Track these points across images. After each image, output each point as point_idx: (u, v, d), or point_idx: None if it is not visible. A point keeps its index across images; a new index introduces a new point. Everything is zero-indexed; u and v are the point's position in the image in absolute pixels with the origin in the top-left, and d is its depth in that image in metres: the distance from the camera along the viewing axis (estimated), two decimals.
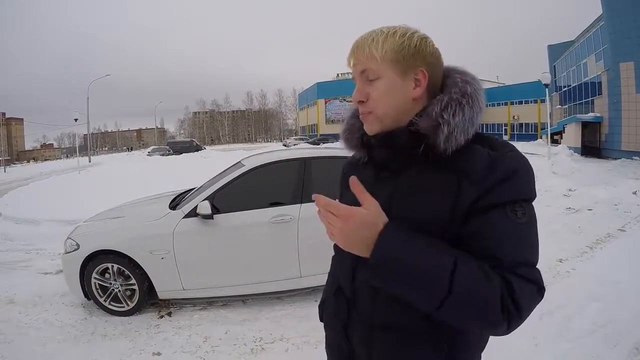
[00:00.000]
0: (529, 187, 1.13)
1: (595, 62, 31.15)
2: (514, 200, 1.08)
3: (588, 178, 15.14)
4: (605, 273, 5.20)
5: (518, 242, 1.08)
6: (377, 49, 1.18)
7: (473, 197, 1.09)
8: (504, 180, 1.08)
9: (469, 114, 1.15)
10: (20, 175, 31.83)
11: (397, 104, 1.20)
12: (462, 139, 1.13)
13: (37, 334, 4.50)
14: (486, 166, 1.10)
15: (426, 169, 1.17)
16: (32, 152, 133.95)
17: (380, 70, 1.19)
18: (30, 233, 9.13)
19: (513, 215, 1.07)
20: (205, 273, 4.87)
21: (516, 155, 1.13)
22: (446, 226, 1.11)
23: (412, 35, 1.18)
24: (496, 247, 1.06)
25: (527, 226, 1.09)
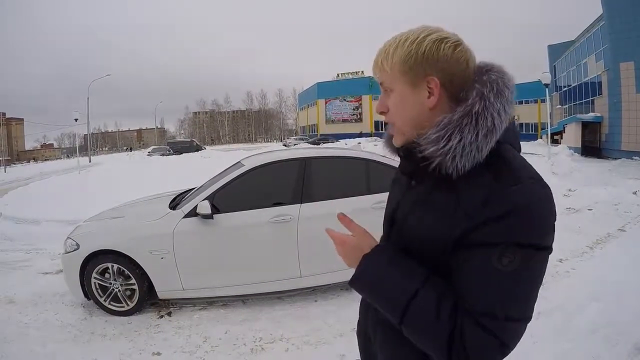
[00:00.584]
0: (535, 231, 1.00)
1: (595, 62, 31.16)
2: (505, 243, 0.98)
3: (588, 178, 15.13)
4: (605, 273, 5.20)
5: (492, 291, 1.00)
6: (387, 61, 1.16)
7: (463, 227, 1.02)
8: (497, 219, 0.98)
9: (469, 137, 1.04)
10: (20, 175, 31.82)
11: (413, 115, 1.16)
12: (466, 164, 1.05)
13: (37, 333, 4.50)
14: (481, 200, 1.01)
15: (440, 184, 1.11)
16: (33, 152, 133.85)
17: (392, 82, 1.17)
18: (31, 233, 9.12)
19: (497, 262, 0.98)
20: (205, 273, 4.87)
21: (524, 190, 1.00)
22: (444, 245, 1.07)
23: (422, 40, 1.11)
24: (466, 289, 1.03)
25: (511, 276, 0.98)
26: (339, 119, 78.06)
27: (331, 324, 4.45)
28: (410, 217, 1.20)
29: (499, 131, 1.06)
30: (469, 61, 1.13)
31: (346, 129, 71.85)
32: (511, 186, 1.00)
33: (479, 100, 1.07)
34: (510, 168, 1.05)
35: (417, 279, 1.09)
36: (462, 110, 1.08)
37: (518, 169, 1.05)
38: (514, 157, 1.09)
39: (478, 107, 1.06)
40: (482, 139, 1.05)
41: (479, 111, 1.06)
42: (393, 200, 1.35)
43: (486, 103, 1.07)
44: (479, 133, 1.04)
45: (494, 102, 1.07)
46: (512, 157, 1.09)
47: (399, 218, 1.26)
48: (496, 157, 1.07)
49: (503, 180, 1.01)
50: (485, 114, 1.06)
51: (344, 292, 5.26)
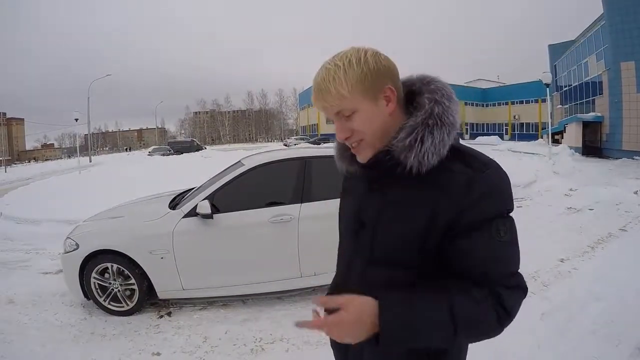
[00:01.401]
0: (507, 201, 1.19)
1: (596, 62, 31.13)
2: (494, 217, 1.15)
3: (589, 178, 15.14)
4: (607, 273, 5.19)
5: (503, 258, 1.17)
6: (342, 87, 1.19)
7: (452, 214, 1.15)
8: (483, 199, 1.14)
9: (439, 136, 1.18)
10: (21, 175, 31.85)
11: (379, 125, 1.24)
12: (435, 160, 1.18)
13: (36, 333, 4.49)
14: (464, 185, 1.15)
15: (410, 185, 1.21)
16: (33, 152, 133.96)
17: (353, 104, 1.21)
18: (31, 233, 9.12)
19: (496, 235, 1.15)
20: (205, 273, 4.85)
21: (493, 172, 1.18)
22: (425, 238, 1.19)
23: (365, 58, 1.19)
24: (483, 265, 1.16)
25: (509, 243, 1.17)
26: None
27: None
28: (384, 217, 1.26)
29: (456, 128, 1.22)
30: (392, 64, 1.25)
31: None
32: (485, 170, 1.16)
33: (435, 104, 1.21)
34: (475, 157, 1.21)
35: (440, 295, 1.13)
36: (423, 114, 1.21)
37: (480, 157, 1.21)
38: (469, 149, 1.25)
39: (438, 110, 1.20)
40: (446, 136, 1.19)
41: (440, 113, 1.20)
42: (351, 206, 1.42)
43: (444, 106, 1.21)
44: (444, 132, 1.19)
45: (450, 105, 1.22)
46: (468, 148, 1.25)
47: (369, 221, 1.31)
48: (456, 150, 1.22)
49: (476, 167, 1.17)
50: (447, 114, 1.21)
51: None
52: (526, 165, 17.10)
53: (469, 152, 1.23)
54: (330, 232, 4.85)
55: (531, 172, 15.05)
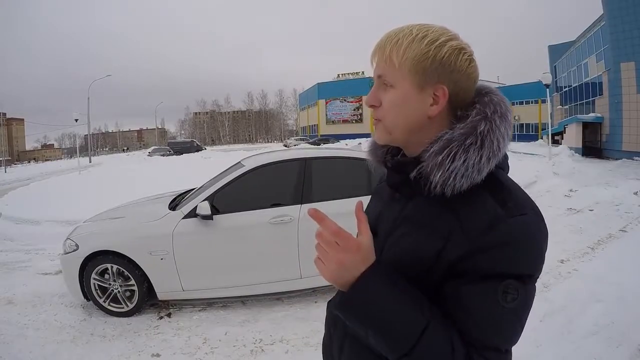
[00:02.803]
0: (530, 263, 0.98)
1: (596, 63, 31.10)
2: (507, 275, 0.95)
3: (589, 178, 15.13)
4: (607, 274, 5.19)
5: (497, 327, 0.97)
6: (397, 54, 1.05)
7: (462, 251, 0.97)
8: (501, 247, 0.94)
9: (474, 157, 0.99)
10: (20, 176, 31.84)
11: (409, 119, 1.08)
12: (463, 184, 1.00)
13: (36, 334, 4.50)
14: (487, 224, 0.96)
15: (430, 204, 1.05)
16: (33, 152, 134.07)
17: (396, 78, 1.07)
18: (31, 233, 9.13)
19: (502, 299, 0.95)
20: (204, 274, 4.85)
21: (526, 221, 0.97)
22: (431, 266, 1.02)
23: (443, 43, 1.04)
24: (473, 325, 0.97)
25: (513, 312, 0.97)
26: (340, 120, 78.10)
27: None
28: (396, 232, 1.13)
29: (500, 156, 1.03)
30: (476, 77, 1.09)
31: (347, 130, 71.91)
32: (516, 216, 0.96)
33: (482, 120, 1.03)
34: (513, 196, 1.01)
35: (423, 308, 0.99)
36: (463, 128, 1.03)
37: (521, 198, 1.02)
38: (512, 184, 1.05)
39: (483, 128, 1.02)
40: (485, 161, 1.00)
41: (484, 132, 1.01)
42: (373, 212, 1.27)
43: (492, 125, 1.02)
44: (483, 155, 1.00)
45: (500, 126, 1.03)
46: (510, 184, 1.05)
47: (381, 232, 1.18)
48: (494, 181, 1.03)
49: (508, 209, 0.97)
50: (492, 136, 1.02)
51: None
52: (526, 166, 17.07)
53: (509, 187, 1.04)
54: None
55: (531, 173, 15.03)
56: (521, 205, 0.99)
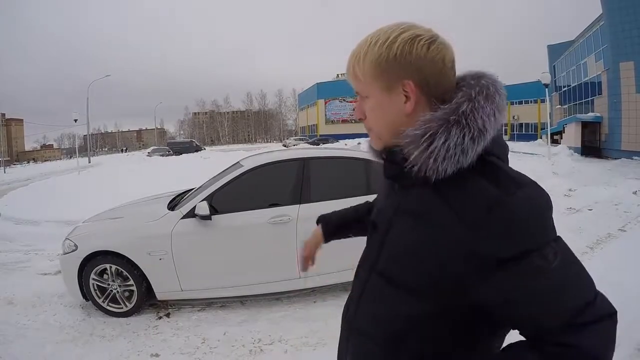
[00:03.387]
0: (543, 232, 0.92)
1: (595, 62, 31.11)
2: (529, 250, 0.89)
3: (588, 178, 15.14)
4: (606, 273, 5.17)
5: (564, 290, 0.90)
6: (359, 67, 1.08)
7: (469, 244, 0.92)
8: (508, 228, 0.89)
9: (455, 137, 0.95)
10: (20, 176, 31.83)
11: (389, 121, 1.08)
12: (448, 167, 0.95)
13: (35, 334, 4.50)
14: (484, 208, 0.91)
15: (424, 194, 1.02)
16: (32, 152, 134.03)
17: (365, 89, 1.09)
18: (30, 234, 9.12)
19: (545, 264, 0.88)
20: (203, 274, 4.85)
21: (525, 195, 0.92)
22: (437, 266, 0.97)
23: (394, 39, 1.02)
24: (541, 312, 0.91)
25: (566, 265, 0.91)
26: (339, 120, 78.08)
27: (330, 325, 4.41)
28: (395, 224, 1.10)
29: (487, 136, 0.98)
30: (445, 58, 1.03)
31: (346, 130, 71.84)
32: (516, 191, 0.91)
33: (466, 100, 0.99)
34: (506, 174, 0.96)
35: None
36: (446, 109, 0.99)
37: (514, 174, 0.97)
38: (505, 166, 1.02)
39: (466, 108, 0.98)
40: (469, 141, 0.95)
41: (467, 111, 0.97)
42: (379, 204, 1.28)
43: (475, 104, 0.98)
44: (466, 135, 0.96)
45: (484, 105, 0.99)
46: (503, 165, 1.01)
47: (381, 224, 1.17)
48: (484, 164, 0.98)
49: (504, 186, 0.92)
50: (475, 114, 0.97)
51: (343, 293, 5.24)
52: (525, 166, 17.04)
53: (501, 167, 0.99)
54: None
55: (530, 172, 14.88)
56: (517, 180, 0.95)
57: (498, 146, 1.05)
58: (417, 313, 1.02)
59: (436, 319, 1.00)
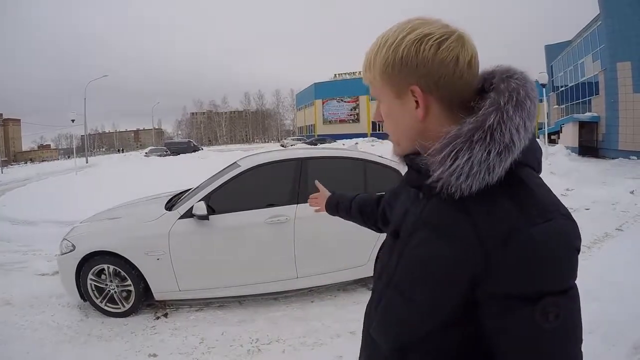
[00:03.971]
0: (564, 275, 0.85)
1: (592, 62, 31.09)
2: (540, 295, 0.82)
3: (586, 178, 15.15)
4: (604, 272, 5.19)
5: (546, 354, 0.84)
6: (369, 71, 1.03)
7: (477, 269, 0.86)
8: (525, 263, 0.82)
9: (480, 154, 0.88)
10: (17, 176, 31.68)
11: (402, 127, 1.03)
12: (473, 185, 0.89)
13: (33, 335, 4.50)
14: (504, 235, 0.84)
15: (448, 204, 0.94)
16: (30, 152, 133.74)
17: (378, 93, 1.04)
18: (27, 234, 9.11)
19: (542, 320, 0.82)
20: (201, 274, 4.86)
21: (551, 229, 0.84)
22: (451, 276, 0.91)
23: (400, 41, 0.96)
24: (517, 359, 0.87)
25: (561, 330, 0.84)
26: (337, 120, 78.02)
27: (328, 325, 4.44)
28: (415, 236, 1.02)
29: (516, 150, 0.90)
30: (459, 58, 0.94)
31: (344, 130, 71.85)
32: (540, 223, 0.83)
33: (494, 111, 0.90)
34: (535, 198, 0.88)
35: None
36: (472, 122, 0.91)
37: (544, 200, 0.89)
38: (538, 185, 0.92)
39: (493, 120, 0.89)
40: (494, 157, 0.88)
41: (493, 125, 0.89)
42: (400, 210, 1.19)
43: (503, 116, 0.89)
44: (492, 151, 0.88)
45: (513, 116, 0.90)
46: (535, 184, 0.92)
47: (404, 234, 1.08)
48: (515, 182, 0.90)
49: (528, 214, 0.85)
50: (502, 128, 0.88)
51: (341, 292, 5.26)
52: None
53: (534, 189, 0.91)
54: (326, 233, 4.85)
55: None
56: (545, 208, 0.86)
57: (531, 153, 0.98)
58: (424, 327, 0.98)
59: (442, 334, 0.96)
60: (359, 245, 4.89)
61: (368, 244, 4.90)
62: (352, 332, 4.09)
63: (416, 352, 1.01)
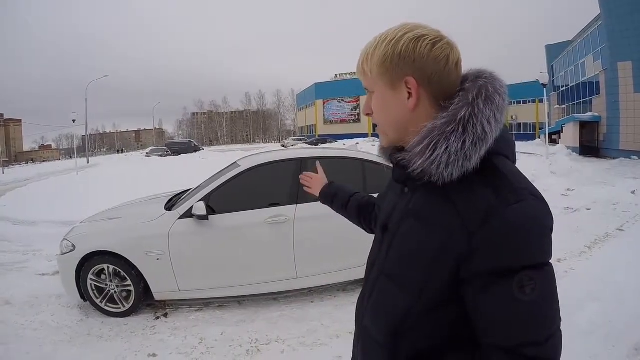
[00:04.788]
0: (538, 250, 0.94)
1: (593, 62, 31.08)
2: (518, 269, 0.91)
3: (586, 178, 15.13)
4: (604, 273, 5.19)
5: (525, 322, 0.93)
6: (367, 64, 1.13)
7: (461, 249, 0.95)
8: (502, 241, 0.91)
9: (456, 144, 0.98)
10: (18, 176, 31.77)
11: (393, 117, 1.12)
12: (453, 173, 0.98)
13: (33, 335, 4.50)
14: (481, 214, 0.93)
15: (432, 194, 1.04)
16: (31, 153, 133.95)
17: (372, 84, 1.14)
18: (28, 234, 9.13)
19: (519, 293, 0.91)
20: (201, 274, 4.86)
21: (524, 207, 0.93)
22: (436, 260, 1.00)
23: (400, 38, 1.06)
24: (497, 330, 0.95)
25: (537, 302, 0.92)
26: (337, 120, 78.12)
27: (327, 325, 4.44)
28: (403, 226, 1.12)
29: (489, 139, 1.00)
30: (449, 58, 1.06)
31: (345, 130, 71.96)
32: (513, 203, 0.93)
33: (465, 106, 1.01)
34: (509, 183, 0.97)
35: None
36: (446, 116, 1.02)
37: (518, 184, 0.97)
38: (511, 171, 1.01)
39: (465, 113, 1.00)
40: (470, 146, 0.98)
41: (466, 117, 0.99)
42: (388, 206, 1.28)
43: (474, 110, 1.00)
44: (467, 141, 0.98)
45: (484, 109, 1.00)
46: (509, 171, 1.01)
47: (392, 226, 1.18)
48: (491, 169, 1.00)
49: (503, 196, 0.94)
50: (474, 120, 0.99)
51: (341, 293, 5.25)
52: (523, 166, 17.00)
53: (507, 174, 1.00)
54: (325, 233, 4.85)
55: (528, 172, 15.02)
56: (517, 191, 0.95)
57: (504, 144, 1.08)
58: (415, 310, 1.05)
59: (433, 316, 1.04)
60: (358, 246, 4.85)
61: (367, 244, 4.87)
62: (352, 333, 4.03)
63: (408, 336, 1.08)
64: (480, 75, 1.08)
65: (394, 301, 1.10)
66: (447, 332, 1.04)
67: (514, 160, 1.12)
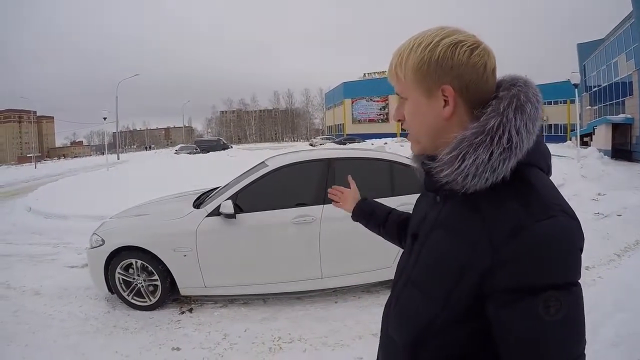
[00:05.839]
0: (566, 269, 0.90)
1: (625, 61, 30.21)
2: (543, 288, 0.87)
3: (618, 182, 14.80)
4: (633, 282, 5.07)
5: (547, 344, 0.88)
6: (400, 69, 1.07)
7: (486, 263, 0.91)
8: (528, 256, 0.87)
9: (483, 155, 0.94)
10: (50, 172, 32.36)
11: (427, 125, 1.08)
12: (479, 184, 0.96)
13: (60, 325, 4.63)
14: (509, 231, 0.89)
15: (462, 204, 1.01)
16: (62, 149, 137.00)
17: (406, 90, 1.09)
18: (59, 227, 9.34)
19: (544, 312, 0.86)
20: (226, 271, 4.91)
21: (554, 225, 0.89)
22: (461, 272, 0.96)
23: (437, 43, 1.01)
24: (517, 349, 0.90)
25: (562, 323, 0.87)
26: (366, 119, 77.92)
27: (350, 326, 4.43)
28: (432, 236, 1.09)
29: (519, 151, 0.95)
30: (486, 65, 1.02)
31: (373, 129, 71.72)
32: (542, 219, 0.88)
33: (494, 116, 0.97)
34: (539, 197, 0.93)
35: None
36: (475, 127, 0.98)
37: (548, 199, 0.93)
38: (544, 185, 0.97)
39: (493, 124, 0.96)
40: (497, 158, 0.94)
41: (494, 128, 0.95)
42: (419, 214, 1.25)
43: (503, 119, 0.96)
44: (494, 152, 0.94)
45: (513, 119, 0.96)
46: (541, 184, 0.97)
47: (422, 235, 1.15)
48: (522, 182, 0.96)
49: (533, 211, 0.90)
50: (502, 131, 0.95)
51: (365, 294, 5.24)
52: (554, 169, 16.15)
53: (539, 187, 0.96)
54: (351, 234, 4.84)
55: (559, 175, 14.75)
56: (548, 206, 0.91)
57: (539, 155, 1.04)
58: (438, 320, 1.02)
59: (456, 328, 1.01)
60: (384, 247, 4.83)
61: (392, 246, 4.85)
62: (374, 334, 4.05)
63: (428, 346, 1.06)
64: (515, 82, 1.04)
65: (418, 309, 1.08)
66: (469, 346, 1.00)
67: (549, 172, 1.08)
